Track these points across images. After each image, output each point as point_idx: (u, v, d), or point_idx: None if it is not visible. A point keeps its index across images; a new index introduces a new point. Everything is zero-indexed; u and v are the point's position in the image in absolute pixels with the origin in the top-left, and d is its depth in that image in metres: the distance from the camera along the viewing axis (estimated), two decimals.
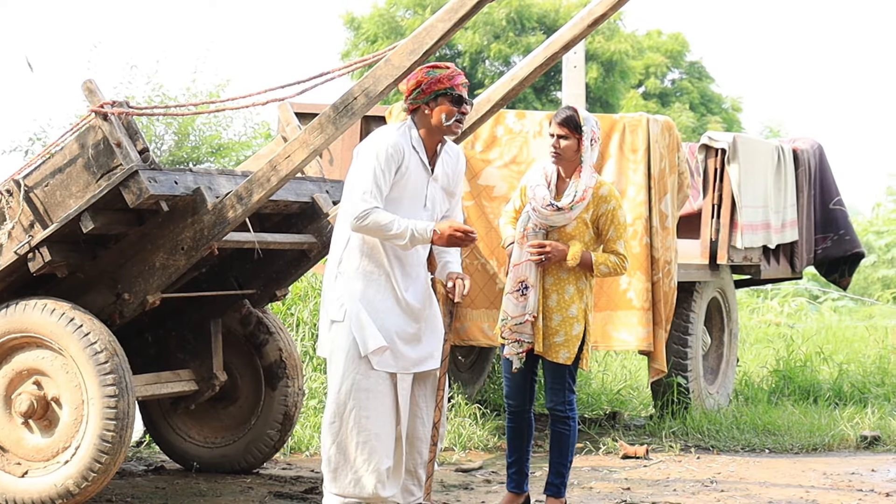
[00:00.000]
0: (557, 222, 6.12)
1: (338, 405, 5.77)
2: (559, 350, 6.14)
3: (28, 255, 6.20)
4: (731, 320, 10.10)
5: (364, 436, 5.74)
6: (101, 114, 6.03)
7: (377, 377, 5.76)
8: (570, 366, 6.19)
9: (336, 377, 5.78)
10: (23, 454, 6.27)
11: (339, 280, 5.81)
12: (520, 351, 6.18)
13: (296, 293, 9.86)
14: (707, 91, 31.77)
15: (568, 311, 6.13)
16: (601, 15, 6.26)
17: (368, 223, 5.66)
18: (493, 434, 8.67)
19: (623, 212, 6.17)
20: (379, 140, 5.76)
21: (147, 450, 7.92)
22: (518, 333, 6.17)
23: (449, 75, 5.79)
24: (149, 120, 18.31)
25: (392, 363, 5.77)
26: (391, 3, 29.63)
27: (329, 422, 5.80)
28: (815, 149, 10.80)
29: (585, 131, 6.08)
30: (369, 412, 5.75)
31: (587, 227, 6.13)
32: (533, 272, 6.14)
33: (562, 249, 6.09)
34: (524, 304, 6.14)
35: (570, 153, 6.11)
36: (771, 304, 18.62)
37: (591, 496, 7.11)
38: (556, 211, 6.09)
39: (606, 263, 6.11)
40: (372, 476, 5.75)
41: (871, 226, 24.64)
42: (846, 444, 8.97)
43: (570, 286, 6.14)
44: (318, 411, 8.69)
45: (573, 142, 6.10)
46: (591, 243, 6.15)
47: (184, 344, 7.00)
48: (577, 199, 6.06)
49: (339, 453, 5.79)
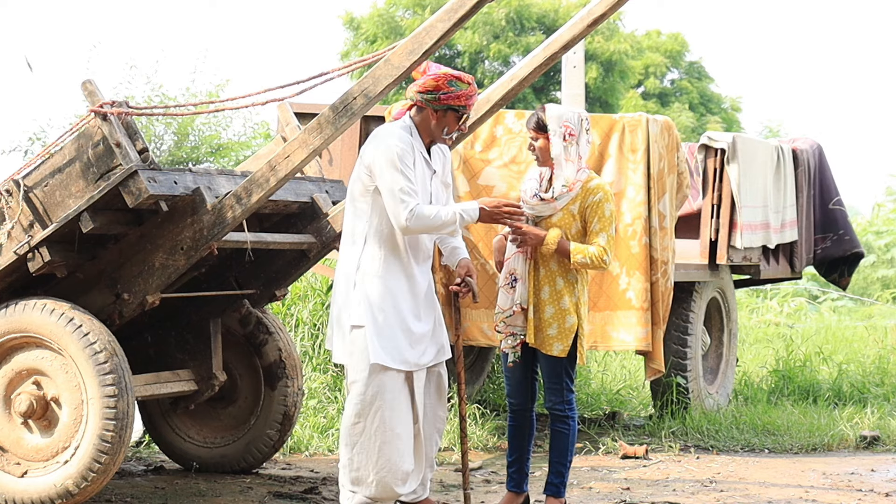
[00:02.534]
0: (544, 212, 6.19)
1: (363, 406, 5.82)
2: (553, 343, 6.16)
3: (27, 255, 6.21)
4: (730, 320, 10.10)
5: (388, 436, 5.83)
6: (100, 114, 6.04)
7: (397, 379, 5.84)
8: (567, 363, 6.21)
9: (360, 379, 5.83)
10: (22, 454, 6.27)
11: (359, 286, 5.84)
12: (514, 344, 6.23)
13: (295, 293, 9.86)
14: (706, 91, 31.79)
15: (560, 303, 6.16)
16: (601, 15, 6.26)
17: (418, 219, 5.73)
18: (493, 434, 8.67)
19: (610, 206, 6.18)
20: (390, 142, 5.79)
21: (146, 450, 7.92)
22: (511, 326, 6.23)
23: (468, 94, 5.86)
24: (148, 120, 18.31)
25: (413, 361, 5.86)
26: (390, 4, 29.63)
27: (352, 423, 5.86)
28: (815, 149, 10.80)
29: (551, 128, 6.13)
30: (392, 413, 5.83)
31: (574, 218, 6.18)
32: (521, 264, 6.20)
33: (538, 235, 6.14)
34: (513, 295, 6.20)
35: (546, 154, 6.19)
36: (770, 304, 18.61)
37: (590, 496, 7.11)
38: (541, 202, 6.16)
39: (584, 253, 6.12)
40: (393, 476, 5.84)
41: (871, 226, 24.61)
42: (846, 444, 8.97)
43: (560, 278, 6.18)
44: (317, 411, 8.70)
45: (543, 141, 6.18)
46: (577, 236, 6.19)
47: (183, 344, 7.00)
48: (562, 192, 6.12)
49: (361, 453, 5.86)
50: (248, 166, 7.10)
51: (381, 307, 5.81)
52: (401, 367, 5.82)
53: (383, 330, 5.80)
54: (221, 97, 17.71)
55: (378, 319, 5.80)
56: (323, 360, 9.41)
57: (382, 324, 5.80)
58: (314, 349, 9.46)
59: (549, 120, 6.14)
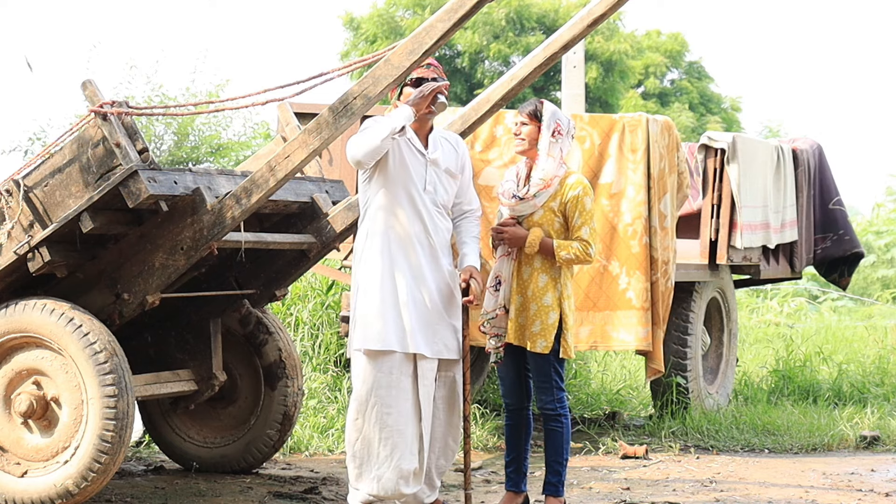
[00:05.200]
0: (524, 211, 6.24)
1: (360, 402, 5.88)
2: (536, 339, 6.21)
3: (27, 255, 6.21)
4: (730, 320, 10.10)
5: (386, 432, 5.85)
6: (100, 114, 6.03)
7: (399, 374, 5.87)
8: (555, 361, 6.24)
9: (358, 374, 5.88)
10: (22, 454, 6.27)
11: (357, 274, 5.95)
12: (498, 346, 6.29)
13: (295, 293, 9.86)
14: (706, 91, 31.78)
15: (542, 301, 6.21)
16: (600, 15, 6.27)
17: (354, 144, 5.80)
18: (493, 434, 8.68)
19: (590, 200, 6.24)
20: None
21: (146, 450, 7.92)
22: (496, 328, 6.28)
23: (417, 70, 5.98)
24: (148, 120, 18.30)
25: (398, 344, 5.86)
26: (390, 4, 29.63)
27: (352, 419, 5.91)
28: (815, 149, 10.80)
29: (545, 119, 6.22)
30: (391, 409, 5.85)
31: (555, 215, 6.23)
32: (506, 267, 6.28)
33: (521, 235, 6.20)
34: (497, 297, 6.26)
35: (531, 140, 6.26)
36: (770, 304, 18.61)
37: (590, 496, 7.11)
38: (520, 201, 6.22)
39: (568, 249, 6.17)
40: (394, 473, 5.86)
41: (871, 226, 24.61)
42: (845, 444, 8.97)
43: (544, 275, 6.22)
44: (317, 411, 8.70)
45: (533, 128, 6.26)
46: (560, 231, 6.23)
47: (183, 344, 7.00)
48: (540, 188, 6.17)
49: (362, 450, 5.91)
50: (248, 166, 7.10)
51: (365, 290, 5.89)
52: (383, 348, 5.82)
53: (367, 314, 5.87)
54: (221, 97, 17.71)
55: (363, 311, 5.88)
56: (323, 360, 9.42)
57: (365, 317, 5.87)
58: (314, 349, 9.46)
59: (545, 112, 6.23)
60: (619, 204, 8.36)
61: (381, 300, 5.88)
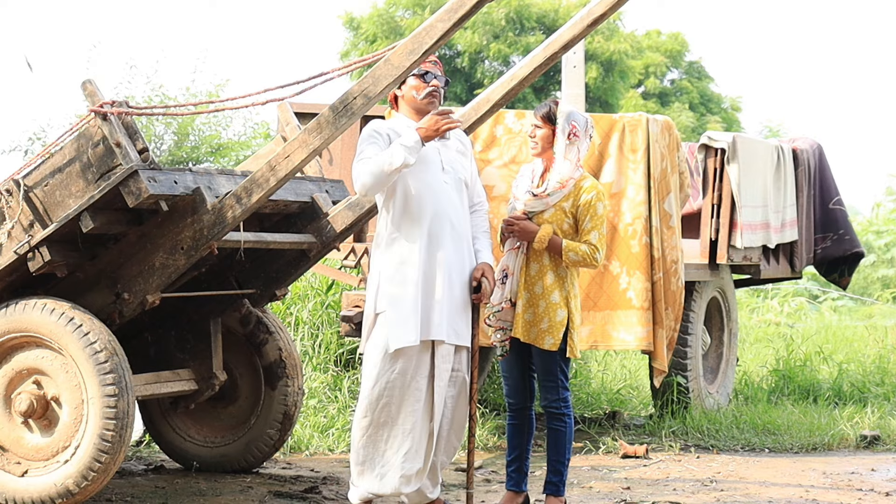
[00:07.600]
0: (536, 208, 6.26)
1: (370, 401, 5.87)
2: (544, 336, 6.21)
3: (28, 254, 6.20)
4: (730, 320, 10.11)
5: (395, 432, 5.85)
6: (100, 114, 6.04)
7: (415, 374, 5.86)
8: (561, 360, 6.24)
9: (371, 372, 5.87)
10: (22, 453, 6.27)
11: (382, 263, 5.93)
12: (503, 339, 6.29)
13: (295, 293, 9.86)
14: (706, 91, 31.77)
15: (550, 298, 6.22)
16: (601, 15, 6.26)
17: (362, 173, 5.79)
18: (493, 433, 8.68)
19: (603, 206, 6.25)
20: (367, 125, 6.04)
21: (147, 449, 7.92)
22: (501, 321, 6.28)
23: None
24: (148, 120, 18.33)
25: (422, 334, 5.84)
26: (390, 4, 29.63)
27: (360, 416, 5.91)
28: (815, 149, 10.80)
29: (559, 122, 6.24)
30: (401, 409, 5.86)
31: (566, 215, 6.25)
32: (513, 260, 6.29)
33: (531, 230, 6.23)
34: (504, 290, 6.27)
35: (545, 143, 6.28)
36: (771, 304, 18.61)
37: (590, 495, 7.11)
38: (534, 197, 6.24)
39: (576, 251, 6.19)
40: (398, 473, 5.87)
41: (871, 226, 24.61)
42: (846, 443, 8.98)
43: (552, 272, 6.24)
44: (317, 411, 8.70)
45: (547, 132, 6.28)
46: (568, 233, 6.25)
47: (183, 343, 7.00)
48: (555, 187, 6.20)
49: (367, 448, 5.90)
50: (248, 166, 7.10)
51: (390, 298, 5.86)
52: (407, 344, 5.80)
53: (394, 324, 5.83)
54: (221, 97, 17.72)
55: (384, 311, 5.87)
56: (323, 359, 9.42)
57: (386, 317, 5.85)
58: (314, 349, 9.46)
59: (559, 114, 6.25)
60: (619, 204, 8.37)
61: (414, 296, 5.83)
